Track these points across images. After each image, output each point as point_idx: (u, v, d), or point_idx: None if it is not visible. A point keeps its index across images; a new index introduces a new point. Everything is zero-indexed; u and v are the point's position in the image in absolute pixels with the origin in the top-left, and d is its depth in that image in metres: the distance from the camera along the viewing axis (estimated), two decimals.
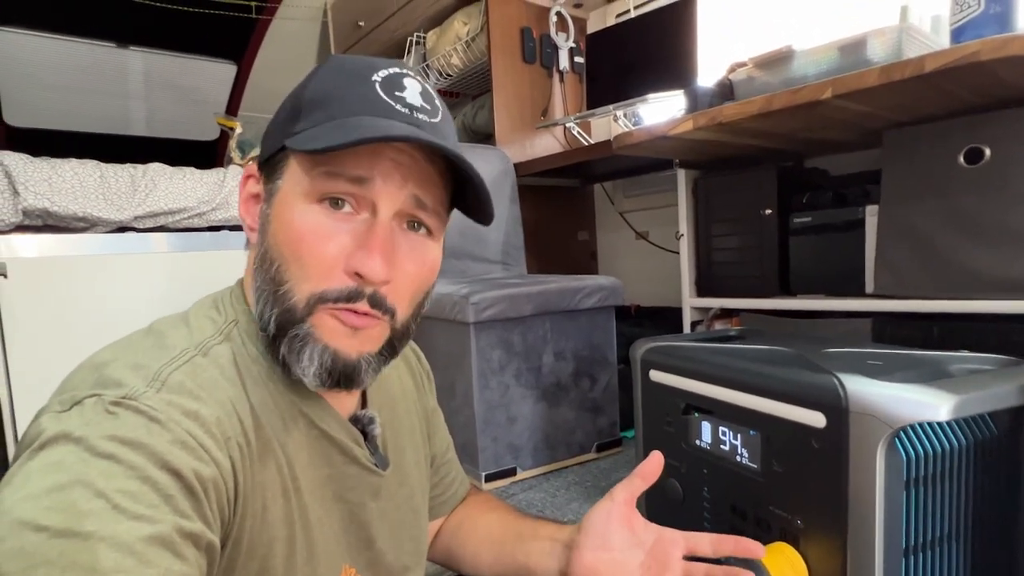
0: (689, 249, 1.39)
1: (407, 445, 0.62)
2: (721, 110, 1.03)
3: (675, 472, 0.87)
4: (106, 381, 0.39)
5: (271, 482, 0.45)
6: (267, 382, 0.47)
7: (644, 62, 1.76)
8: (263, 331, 0.46)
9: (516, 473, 1.26)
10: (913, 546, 0.59)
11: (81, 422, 0.36)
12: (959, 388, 0.57)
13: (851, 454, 0.60)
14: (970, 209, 0.96)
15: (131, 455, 0.35)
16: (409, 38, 2.19)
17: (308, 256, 0.44)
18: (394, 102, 0.46)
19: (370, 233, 0.45)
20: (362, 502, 0.55)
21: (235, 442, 0.42)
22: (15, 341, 1.19)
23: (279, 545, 0.45)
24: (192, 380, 0.41)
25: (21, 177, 1.23)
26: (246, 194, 0.51)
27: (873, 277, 1.09)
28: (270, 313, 0.45)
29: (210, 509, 0.38)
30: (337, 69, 0.48)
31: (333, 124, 0.44)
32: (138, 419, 0.37)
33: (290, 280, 0.45)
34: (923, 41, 0.93)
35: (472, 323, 1.19)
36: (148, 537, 0.33)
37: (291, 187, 0.46)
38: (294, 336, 0.44)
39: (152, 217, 1.40)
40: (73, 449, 0.35)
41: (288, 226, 0.45)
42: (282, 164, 0.47)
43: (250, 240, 0.50)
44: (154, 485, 0.35)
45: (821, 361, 0.70)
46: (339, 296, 0.44)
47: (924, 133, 1.01)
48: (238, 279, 0.53)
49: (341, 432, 0.52)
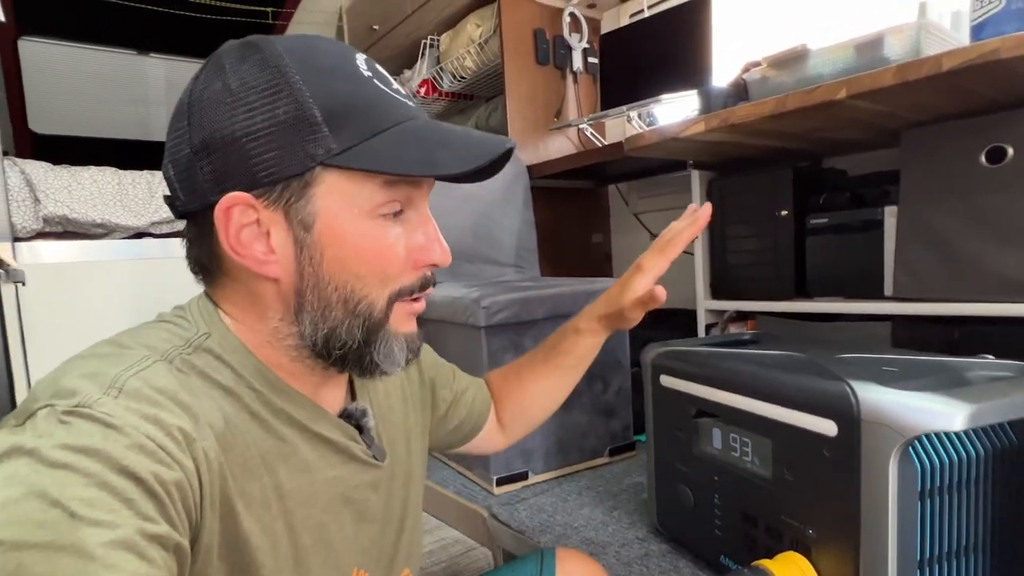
0: (703, 251, 1.38)
1: (397, 436, 0.62)
2: (733, 112, 1.02)
3: (685, 478, 0.85)
4: (60, 391, 0.38)
5: (248, 490, 0.44)
6: (247, 392, 0.46)
7: (658, 62, 1.74)
8: (337, 349, 0.48)
9: (528, 477, 1.25)
10: (928, 558, 0.58)
11: (34, 434, 0.35)
12: (976, 396, 0.55)
13: (863, 464, 0.58)
14: (992, 209, 0.94)
15: (86, 462, 0.34)
16: (423, 41, 2.20)
17: (389, 267, 0.48)
18: (402, 97, 0.48)
19: (426, 225, 0.50)
20: (366, 498, 0.55)
21: (199, 446, 0.40)
22: (36, 345, 1.21)
23: (262, 555, 0.45)
24: (150, 386, 0.40)
25: (42, 185, 1.26)
26: (235, 227, 0.44)
27: (892, 279, 1.07)
28: (349, 327, 0.47)
29: (175, 511, 0.37)
30: (319, 70, 0.45)
31: (392, 137, 0.45)
32: (92, 426, 0.36)
33: (369, 291, 0.47)
34: (942, 38, 0.91)
35: (484, 327, 1.19)
36: (109, 542, 0.33)
37: (343, 206, 0.45)
38: (381, 338, 0.49)
39: (169, 223, 1.42)
40: (26, 462, 0.34)
41: (359, 247, 0.46)
42: (309, 184, 0.44)
43: (261, 273, 0.46)
44: (112, 490, 0.34)
45: (834, 367, 0.68)
46: (414, 288, 0.50)
47: (944, 132, 0.99)
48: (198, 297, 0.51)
49: (335, 431, 0.52)
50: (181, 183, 0.46)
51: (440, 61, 2.17)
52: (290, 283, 0.46)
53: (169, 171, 0.47)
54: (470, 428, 0.77)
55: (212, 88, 0.44)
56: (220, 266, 0.48)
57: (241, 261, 0.45)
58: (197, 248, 0.49)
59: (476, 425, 0.78)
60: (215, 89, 0.44)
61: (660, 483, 0.92)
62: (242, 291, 0.48)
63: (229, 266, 0.48)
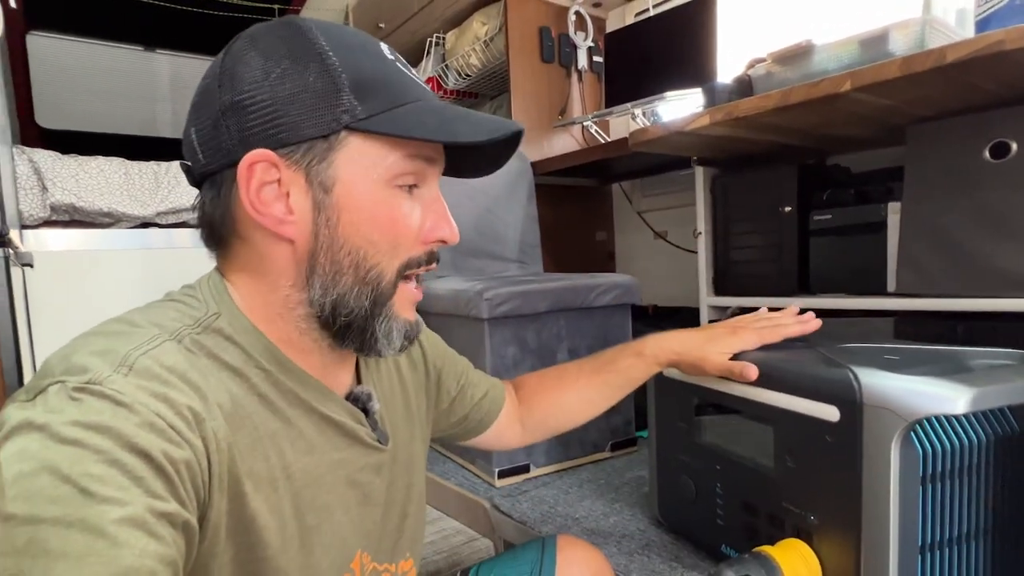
0: (707, 247, 1.38)
1: (400, 421, 0.62)
2: (738, 104, 1.02)
3: (687, 468, 0.86)
4: (71, 368, 0.38)
5: (256, 471, 0.45)
6: (256, 372, 0.47)
7: (663, 60, 1.74)
8: (343, 315, 0.49)
9: (529, 470, 1.25)
10: (930, 543, 0.58)
11: (44, 410, 0.36)
12: (978, 381, 0.55)
13: (865, 448, 0.59)
14: (996, 205, 0.94)
15: (97, 439, 0.34)
16: (429, 39, 2.21)
17: (401, 236, 0.49)
18: (420, 82, 0.51)
19: (437, 203, 0.52)
20: (370, 480, 0.55)
21: (208, 426, 0.41)
22: (41, 332, 1.22)
23: (268, 534, 0.45)
24: (160, 364, 0.40)
25: (49, 174, 1.27)
26: (257, 183, 0.45)
27: (895, 275, 1.07)
28: (357, 294, 0.48)
29: (184, 489, 0.38)
30: (348, 46, 0.47)
31: (413, 109, 0.47)
32: (103, 403, 0.36)
33: (380, 260, 0.49)
34: (947, 33, 0.91)
35: (487, 319, 1.19)
36: (119, 519, 0.33)
37: (363, 171, 0.47)
38: (385, 314, 0.50)
39: (175, 213, 1.43)
40: (37, 437, 0.34)
41: (375, 213, 0.48)
42: (333, 148, 0.46)
43: (278, 233, 0.47)
44: (122, 468, 0.34)
45: (836, 355, 0.68)
46: (420, 261, 0.51)
47: (948, 128, 0.99)
48: (208, 275, 0.51)
49: (343, 413, 0.53)
50: (204, 143, 0.47)
51: (445, 59, 2.17)
52: (305, 245, 0.47)
53: (191, 135, 0.48)
54: (475, 424, 0.77)
55: (246, 56, 0.46)
56: (235, 228, 0.49)
57: (259, 219, 0.46)
58: (212, 209, 0.49)
59: (482, 423, 0.78)
60: (248, 56, 0.46)
61: (662, 473, 0.92)
62: (254, 256, 0.49)
63: (244, 228, 0.48)
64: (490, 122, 0.49)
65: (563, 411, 0.82)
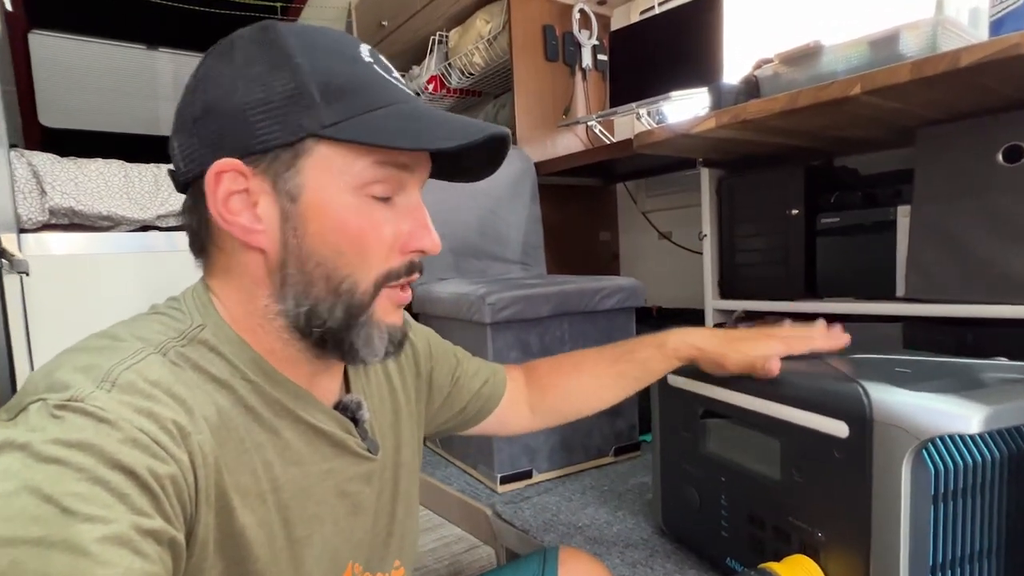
0: (712, 250, 1.36)
1: (388, 428, 0.61)
2: (745, 107, 1.00)
3: (691, 478, 0.84)
4: (53, 385, 0.37)
5: (243, 484, 0.44)
6: (242, 384, 0.46)
7: (669, 59, 1.72)
8: (317, 327, 0.47)
9: (532, 476, 1.24)
10: (941, 563, 0.56)
11: (26, 428, 0.35)
12: (992, 399, 0.53)
13: (875, 466, 0.57)
14: (1009, 210, 0.92)
15: (79, 457, 0.34)
16: (432, 37, 2.19)
17: (373, 246, 0.47)
18: (401, 85, 0.49)
19: (417, 212, 0.50)
20: (360, 490, 0.54)
21: (194, 439, 0.40)
22: (40, 337, 1.21)
23: (258, 548, 0.44)
24: (144, 379, 0.39)
25: (48, 177, 1.26)
26: (223, 192, 0.45)
27: (904, 280, 1.05)
28: (331, 306, 0.47)
29: (170, 505, 0.37)
30: (321, 50, 0.46)
31: (383, 114, 0.45)
32: (85, 420, 0.35)
33: (353, 271, 0.47)
34: (959, 34, 0.89)
35: (489, 324, 1.18)
36: (102, 537, 0.32)
37: (330, 180, 0.45)
38: (362, 323, 0.48)
39: (175, 216, 1.42)
40: (18, 456, 0.33)
41: (343, 222, 0.46)
42: (299, 155, 0.44)
43: (247, 242, 0.46)
44: (106, 485, 0.34)
45: (845, 368, 0.67)
46: (400, 273, 0.49)
47: (960, 131, 0.97)
48: (193, 286, 0.51)
49: (331, 423, 0.52)
50: (183, 151, 0.47)
51: (449, 57, 2.16)
52: (275, 255, 0.46)
53: (173, 142, 0.49)
54: (473, 414, 0.76)
55: (220, 62, 0.46)
56: (210, 236, 0.48)
57: (228, 228, 0.46)
58: (190, 216, 0.49)
59: (481, 412, 0.77)
60: (222, 63, 0.46)
61: (666, 483, 0.91)
62: (232, 265, 0.48)
63: (219, 237, 0.48)
64: (467, 126, 0.47)
65: (578, 397, 0.81)
